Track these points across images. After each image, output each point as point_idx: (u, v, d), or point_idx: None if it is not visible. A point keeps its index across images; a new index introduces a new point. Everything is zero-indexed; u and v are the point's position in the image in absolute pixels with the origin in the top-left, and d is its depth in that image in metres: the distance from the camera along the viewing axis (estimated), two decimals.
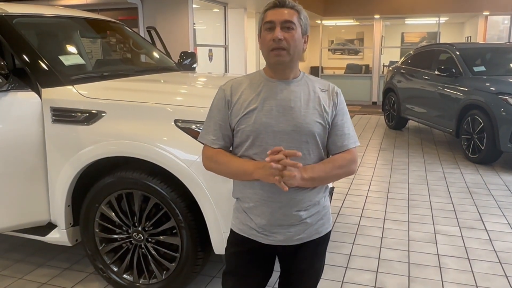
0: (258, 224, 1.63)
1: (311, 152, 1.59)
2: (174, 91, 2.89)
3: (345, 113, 1.67)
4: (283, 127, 1.56)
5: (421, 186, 5.00)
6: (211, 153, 1.66)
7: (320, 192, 1.67)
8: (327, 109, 1.61)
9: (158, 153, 2.45)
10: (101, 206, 2.69)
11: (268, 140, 1.56)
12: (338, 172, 1.63)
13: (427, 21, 13.33)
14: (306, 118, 1.57)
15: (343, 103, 1.67)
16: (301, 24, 1.56)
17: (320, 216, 1.68)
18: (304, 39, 1.60)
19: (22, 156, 2.69)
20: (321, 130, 1.60)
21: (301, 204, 1.62)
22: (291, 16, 1.53)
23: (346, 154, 1.64)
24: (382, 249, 3.42)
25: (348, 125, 1.66)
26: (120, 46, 3.93)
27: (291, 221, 1.62)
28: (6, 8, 2.98)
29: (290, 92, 1.60)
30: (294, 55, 1.56)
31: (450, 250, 3.41)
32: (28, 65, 2.75)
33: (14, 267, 3.15)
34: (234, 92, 1.63)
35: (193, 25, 7.54)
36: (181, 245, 2.57)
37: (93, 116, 2.61)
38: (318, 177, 1.58)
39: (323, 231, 1.70)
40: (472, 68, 6.53)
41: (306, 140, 1.57)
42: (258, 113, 1.57)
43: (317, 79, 1.69)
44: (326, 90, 1.64)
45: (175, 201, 2.50)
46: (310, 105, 1.59)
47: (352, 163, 1.65)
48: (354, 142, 1.66)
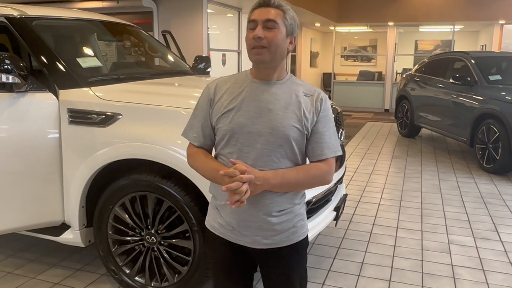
0: (228, 223, 1.63)
1: (285, 156, 1.55)
2: (190, 94, 2.89)
3: (329, 121, 1.60)
4: (259, 128, 1.53)
5: (434, 195, 4.94)
6: (192, 151, 1.68)
7: (294, 199, 1.62)
8: (307, 115, 1.55)
9: (173, 156, 2.45)
10: (114, 208, 2.71)
11: (243, 141, 1.55)
12: (311, 181, 1.58)
13: (441, 29, 13.26)
14: (283, 121, 1.53)
15: (327, 111, 1.60)
16: (285, 24, 1.53)
17: (292, 224, 1.62)
18: (290, 40, 1.56)
19: (38, 157, 2.72)
20: (298, 136, 1.55)
21: (270, 208, 1.58)
22: (275, 16, 1.51)
23: (322, 164, 1.58)
24: (395, 258, 3.38)
25: (330, 134, 1.60)
26: (136, 49, 3.96)
27: (258, 224, 1.59)
28: (26, 10, 3.02)
29: (271, 94, 1.57)
30: (275, 54, 1.53)
31: (464, 260, 3.36)
32: (46, 67, 2.78)
33: (27, 266, 3.18)
34: (218, 91, 1.63)
35: (207, 30, 7.58)
36: (194, 248, 2.56)
37: (109, 118, 2.62)
38: (287, 183, 1.54)
39: (295, 239, 1.64)
40: (487, 76, 6.47)
41: (281, 144, 1.53)
42: (236, 113, 1.56)
43: (304, 83, 1.63)
44: (311, 95, 1.59)
45: (188, 205, 2.50)
46: (289, 109, 1.55)
47: (327, 174, 1.59)
48: (333, 152, 1.59)
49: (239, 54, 9.20)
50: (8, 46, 4.05)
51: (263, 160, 1.53)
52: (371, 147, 7.64)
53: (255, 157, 1.54)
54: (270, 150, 1.53)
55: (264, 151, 1.53)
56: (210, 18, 7.83)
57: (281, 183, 1.53)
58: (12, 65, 2.52)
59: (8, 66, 2.51)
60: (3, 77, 2.50)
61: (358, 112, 12.69)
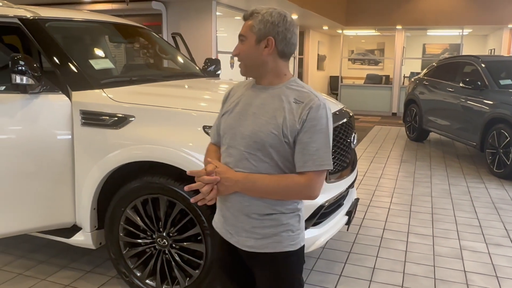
0: (219, 219, 1.69)
1: (264, 162, 1.52)
2: (203, 97, 2.89)
3: (317, 132, 1.48)
4: (242, 130, 1.56)
5: (445, 200, 4.90)
6: (207, 147, 1.78)
7: (276, 206, 1.56)
8: (290, 122, 1.49)
9: (186, 159, 2.44)
10: (126, 210, 2.69)
11: (229, 141, 1.60)
12: (283, 192, 1.52)
13: (449, 32, 13.20)
14: (262, 126, 1.52)
15: (316, 120, 1.48)
16: (253, 32, 1.54)
17: (276, 232, 1.57)
18: (265, 44, 1.53)
19: (50, 158, 2.71)
20: (276, 142, 1.50)
21: (248, 210, 1.56)
22: (244, 29, 1.56)
23: (299, 177, 1.50)
24: (406, 263, 3.35)
25: (317, 145, 1.48)
26: (148, 51, 3.96)
27: (242, 225, 1.59)
28: (39, 12, 3.03)
29: (259, 98, 1.58)
30: (248, 65, 1.58)
31: (477, 267, 3.32)
32: (59, 68, 2.79)
33: (37, 268, 3.17)
34: (231, 93, 1.72)
35: (216, 32, 7.59)
36: (206, 252, 2.55)
37: (122, 120, 2.62)
38: (257, 189, 1.52)
39: (278, 247, 1.58)
40: (498, 81, 6.42)
41: (258, 148, 1.52)
42: (229, 115, 1.63)
43: (302, 89, 1.56)
44: (301, 103, 1.51)
45: (201, 208, 2.49)
46: (271, 114, 1.52)
47: (305, 188, 1.50)
48: (317, 165, 1.48)
49: None
50: (19, 47, 4.07)
51: (242, 162, 1.55)
52: (380, 150, 7.60)
53: (237, 158, 1.56)
54: (248, 153, 1.54)
55: (244, 154, 1.54)
56: (218, 20, 7.83)
57: (251, 188, 1.52)
58: (26, 66, 2.52)
59: (22, 67, 2.51)
60: (17, 78, 2.50)
61: (365, 115, 12.65)
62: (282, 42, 1.54)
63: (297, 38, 1.60)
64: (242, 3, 8.20)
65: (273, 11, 1.54)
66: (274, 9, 1.55)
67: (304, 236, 1.65)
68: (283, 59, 1.58)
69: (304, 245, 1.65)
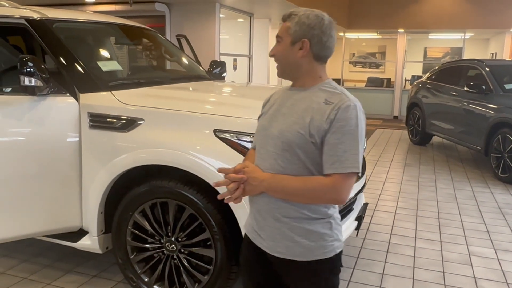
0: (250, 222, 1.67)
1: (292, 163, 1.49)
2: (213, 100, 2.85)
3: (345, 133, 1.43)
4: (272, 131, 1.56)
5: (450, 205, 4.87)
6: (248, 152, 1.80)
7: (302, 209, 1.51)
8: (317, 123, 1.45)
9: (196, 163, 2.41)
10: (134, 214, 2.65)
11: (260, 142, 1.61)
12: (309, 194, 1.47)
13: (450, 36, 13.20)
14: (289, 126, 1.51)
15: (345, 121, 1.43)
16: (289, 34, 1.52)
17: (308, 240, 1.52)
18: (300, 46, 1.51)
19: (57, 161, 2.67)
20: (302, 142, 1.47)
21: (276, 213, 1.53)
22: (281, 30, 1.56)
23: (325, 179, 1.45)
24: (415, 269, 3.31)
25: (345, 147, 1.43)
26: (155, 53, 3.92)
27: (272, 229, 1.55)
28: (46, 13, 2.99)
29: (291, 99, 1.58)
30: (284, 66, 1.58)
31: (487, 273, 3.29)
32: (67, 70, 2.75)
33: (42, 272, 3.13)
34: (271, 98, 1.72)
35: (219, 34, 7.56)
36: (215, 257, 2.51)
37: (131, 123, 2.58)
38: (283, 190, 1.49)
39: (310, 256, 1.53)
40: (502, 85, 6.40)
41: (285, 148, 1.50)
42: (263, 117, 1.66)
43: (334, 91, 1.51)
44: (331, 103, 1.47)
45: (211, 212, 2.45)
46: (300, 115, 1.50)
47: (330, 191, 1.44)
48: (345, 167, 1.42)
49: (250, 59, 9.17)
50: (23, 48, 4.03)
51: (270, 163, 1.54)
52: (383, 154, 7.57)
53: (265, 158, 1.56)
54: (276, 154, 1.53)
55: (272, 154, 1.54)
56: (221, 22, 7.80)
57: (276, 188, 1.51)
58: (35, 67, 2.49)
59: (31, 69, 2.47)
60: (26, 80, 2.46)
61: (367, 118, 12.49)
62: (317, 45, 1.52)
63: (334, 41, 1.56)
64: (245, 5, 8.18)
65: (311, 13, 1.52)
66: (312, 11, 1.53)
67: (340, 243, 1.59)
68: (318, 61, 1.55)
69: (341, 251, 1.59)
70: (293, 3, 7.92)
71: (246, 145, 2.41)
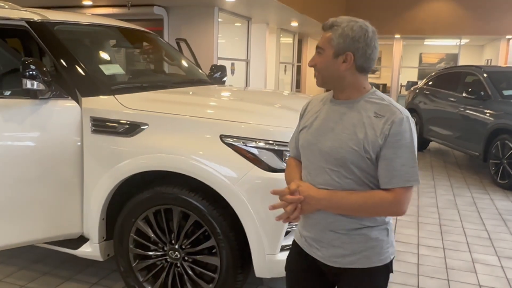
0: (303, 234, 1.64)
1: (346, 177, 1.48)
2: (219, 105, 2.81)
3: (400, 147, 1.43)
4: (321, 146, 1.53)
5: (451, 211, 4.85)
6: (287, 162, 1.77)
7: (361, 220, 1.51)
8: (371, 138, 1.44)
9: (202, 169, 2.36)
10: (137, 221, 2.60)
11: (309, 157, 1.58)
12: (370, 210, 1.48)
13: (446, 42, 13.28)
14: (341, 142, 1.48)
15: (400, 135, 1.42)
16: (332, 45, 1.48)
17: (365, 247, 1.53)
18: (343, 59, 1.48)
19: (58, 166, 2.61)
20: (357, 158, 1.45)
21: (334, 226, 1.53)
22: (322, 40, 1.52)
23: (386, 194, 1.45)
24: (420, 276, 3.28)
25: (402, 161, 1.43)
26: (156, 57, 3.88)
27: (328, 240, 1.55)
28: (47, 15, 2.94)
29: (337, 113, 1.54)
30: (326, 78, 1.54)
31: (492, 280, 3.26)
32: (69, 73, 2.69)
33: (41, 279, 3.05)
34: (308, 107, 1.69)
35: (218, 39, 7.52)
36: (220, 265, 2.46)
37: (134, 127, 2.53)
38: (342, 207, 1.48)
39: (366, 263, 1.54)
40: (501, 91, 6.41)
41: (339, 164, 1.48)
42: (307, 131, 1.61)
43: (383, 102, 1.49)
44: (382, 117, 1.45)
45: (216, 220, 2.40)
46: (351, 130, 1.47)
47: (393, 204, 1.45)
48: (404, 181, 1.43)
49: (247, 64, 9.15)
50: (20, 51, 3.97)
51: (323, 178, 1.52)
52: None
53: (317, 173, 1.54)
54: (330, 169, 1.50)
55: (324, 170, 1.52)
56: (219, 27, 7.77)
57: (336, 206, 1.49)
58: (37, 70, 2.43)
59: (33, 72, 2.41)
60: (28, 83, 2.40)
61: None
62: (361, 58, 1.48)
63: (377, 53, 1.52)
64: (243, 10, 8.16)
65: (355, 25, 1.47)
66: (355, 22, 1.48)
67: (394, 249, 1.60)
68: (362, 73, 1.52)
69: (393, 258, 1.60)
70: (291, 8, 7.92)
71: (252, 151, 2.37)
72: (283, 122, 2.53)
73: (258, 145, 2.38)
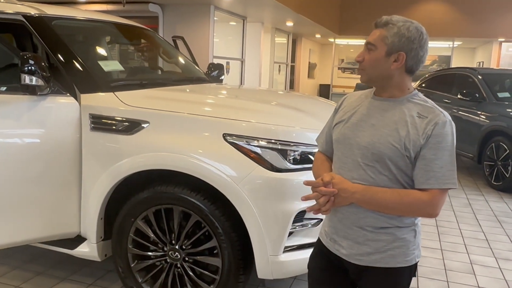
0: (328, 231, 1.64)
1: (382, 174, 1.49)
2: (221, 103, 2.76)
3: (441, 149, 1.44)
4: (359, 141, 1.53)
5: (447, 212, 4.86)
6: (315, 156, 1.78)
7: (392, 220, 1.51)
8: (413, 136, 1.45)
9: (204, 168, 2.31)
10: (136, 220, 2.55)
11: (343, 151, 1.57)
12: (404, 209, 1.47)
13: (438, 44, 13.35)
14: (381, 138, 1.48)
15: (441, 137, 1.44)
16: (386, 43, 1.47)
17: (392, 247, 1.53)
18: (395, 58, 1.47)
19: (56, 164, 2.55)
20: (396, 156, 1.46)
21: (363, 223, 1.53)
22: (375, 37, 1.50)
23: (422, 194, 1.45)
24: (419, 278, 3.26)
25: (441, 163, 1.44)
26: (155, 54, 3.82)
27: (354, 237, 1.55)
28: (44, 9, 2.87)
29: (380, 110, 1.54)
30: (373, 75, 1.52)
31: (491, 282, 3.26)
32: (67, 69, 2.63)
33: (35, 280, 2.98)
34: (343, 103, 1.69)
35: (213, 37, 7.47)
36: (222, 266, 2.42)
37: (135, 125, 2.48)
38: (375, 203, 1.48)
39: (391, 263, 1.54)
40: (496, 93, 6.44)
41: (376, 160, 1.49)
42: (344, 125, 1.60)
43: (425, 104, 1.50)
44: (425, 117, 1.46)
45: (218, 219, 2.36)
46: (393, 127, 1.48)
47: (428, 206, 1.44)
48: (441, 183, 1.44)
49: (243, 63, 9.10)
50: None
51: (358, 173, 1.51)
52: None
53: (352, 168, 1.53)
54: (365, 164, 1.50)
55: (360, 165, 1.51)
56: (215, 25, 7.72)
57: (369, 201, 1.48)
58: (36, 65, 2.36)
59: (32, 67, 2.35)
60: (27, 79, 2.34)
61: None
62: (413, 59, 1.48)
63: (427, 55, 1.53)
64: (239, 9, 8.12)
65: (411, 25, 1.47)
66: (411, 23, 1.48)
67: (420, 252, 1.59)
68: (409, 74, 1.52)
69: (418, 261, 1.59)
70: (287, 7, 7.90)
71: (256, 150, 2.34)
72: (287, 121, 2.50)
73: (261, 144, 2.34)
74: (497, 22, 11.35)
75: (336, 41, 14.04)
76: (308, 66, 15.43)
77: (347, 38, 13.98)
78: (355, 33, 12.99)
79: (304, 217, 2.41)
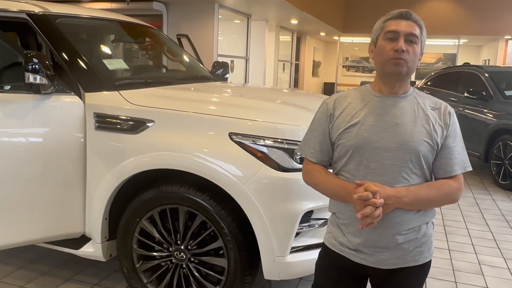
0: (352, 242, 1.56)
1: (414, 172, 1.49)
2: (227, 102, 2.73)
3: (457, 135, 1.54)
4: (386, 143, 1.48)
5: (454, 212, 4.81)
6: (310, 168, 1.63)
7: (424, 217, 1.54)
8: (436, 129, 1.50)
9: (210, 168, 2.28)
10: (142, 220, 2.52)
11: (369, 156, 1.50)
12: (442, 199, 1.52)
13: (444, 42, 13.26)
14: (413, 136, 1.48)
15: (456, 125, 1.54)
16: (422, 40, 1.52)
17: (419, 244, 1.55)
18: (419, 57, 1.54)
19: (60, 164, 2.53)
20: (428, 151, 1.49)
21: (399, 227, 1.51)
22: (414, 31, 1.49)
23: (453, 182, 1.52)
24: (427, 278, 3.22)
25: (459, 149, 1.53)
26: (160, 53, 3.79)
27: (385, 244, 1.52)
28: (49, 7, 2.85)
29: (397, 107, 1.52)
30: (411, 68, 1.51)
31: (500, 283, 3.22)
32: (71, 68, 2.61)
33: (39, 280, 2.97)
34: (338, 106, 1.59)
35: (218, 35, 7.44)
36: (228, 267, 2.39)
37: (140, 124, 2.45)
38: (419, 200, 1.48)
39: (420, 259, 1.57)
40: (503, 91, 6.38)
41: (410, 159, 1.48)
42: (360, 128, 1.51)
43: (427, 96, 1.59)
44: (437, 109, 1.54)
45: (225, 220, 2.33)
46: (418, 123, 1.50)
47: (458, 191, 1.53)
48: (463, 167, 1.53)
49: (247, 61, 9.07)
50: None
51: (391, 177, 1.48)
52: None
53: (383, 173, 1.48)
54: (398, 166, 1.48)
55: (392, 167, 1.48)
56: (219, 23, 7.68)
57: (414, 201, 1.48)
58: (40, 64, 2.34)
59: (36, 66, 2.32)
60: (31, 77, 2.32)
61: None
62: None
63: None
64: (244, 7, 8.08)
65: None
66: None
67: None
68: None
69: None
70: (291, 5, 7.85)
71: (262, 149, 2.31)
72: (293, 120, 2.46)
73: (268, 143, 2.31)
74: (503, 20, 11.25)
75: (340, 39, 13.98)
76: (312, 64, 15.38)
77: (351, 36, 13.91)
78: (360, 31, 12.92)
79: (311, 217, 2.38)
